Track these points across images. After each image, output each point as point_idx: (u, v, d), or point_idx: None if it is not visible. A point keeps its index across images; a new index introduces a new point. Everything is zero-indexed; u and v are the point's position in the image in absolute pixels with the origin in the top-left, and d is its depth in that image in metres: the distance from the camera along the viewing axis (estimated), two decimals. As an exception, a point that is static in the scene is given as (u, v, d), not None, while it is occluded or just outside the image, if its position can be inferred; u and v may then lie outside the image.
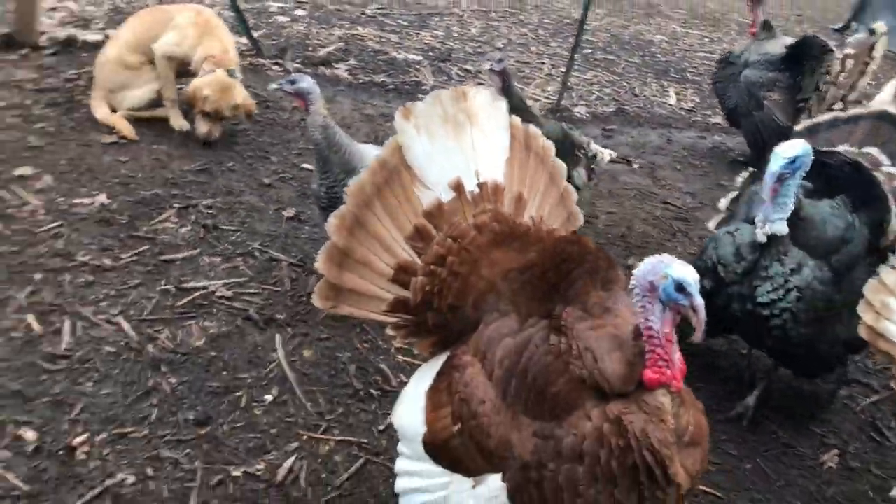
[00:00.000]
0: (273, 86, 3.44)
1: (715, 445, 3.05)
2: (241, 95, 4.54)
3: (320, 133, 3.29)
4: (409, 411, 2.18)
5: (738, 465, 3.02)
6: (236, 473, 2.59)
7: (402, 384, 2.86)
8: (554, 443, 1.84)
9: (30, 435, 2.58)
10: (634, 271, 1.83)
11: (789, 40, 5.53)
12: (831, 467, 3.10)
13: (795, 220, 2.96)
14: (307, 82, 3.32)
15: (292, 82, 3.32)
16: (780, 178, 2.83)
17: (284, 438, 2.76)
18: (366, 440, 2.81)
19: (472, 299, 2.13)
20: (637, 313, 1.83)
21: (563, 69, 6.41)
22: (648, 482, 1.78)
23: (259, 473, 2.61)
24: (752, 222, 3.03)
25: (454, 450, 2.02)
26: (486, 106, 2.35)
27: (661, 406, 1.80)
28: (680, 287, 1.75)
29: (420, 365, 2.32)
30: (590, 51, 7.75)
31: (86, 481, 2.47)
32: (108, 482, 2.47)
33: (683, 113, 6.75)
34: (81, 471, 2.50)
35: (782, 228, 2.92)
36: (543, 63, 7.17)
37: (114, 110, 4.62)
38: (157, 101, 4.69)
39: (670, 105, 6.85)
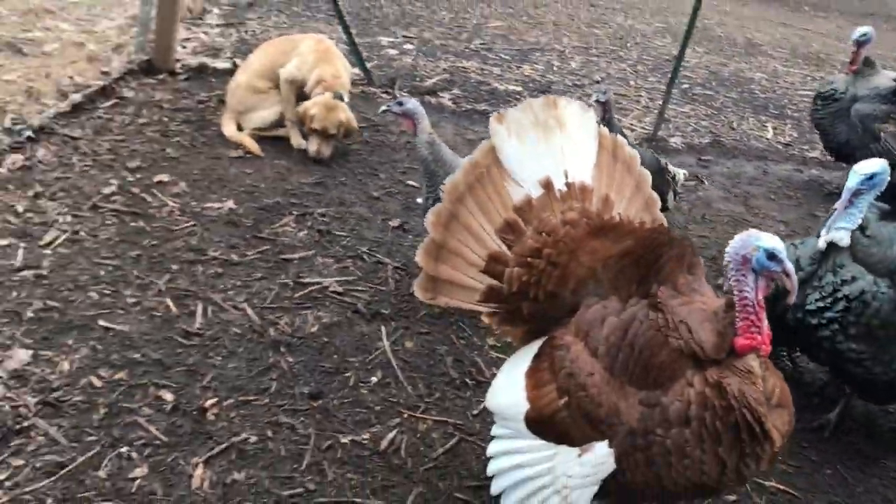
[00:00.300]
0: (382, 108, 3.77)
1: (795, 451, 3.15)
2: (344, 115, 4.89)
3: (427, 149, 3.59)
4: (507, 393, 2.33)
5: (818, 470, 3.11)
6: (344, 440, 2.87)
7: (495, 376, 3.06)
8: (660, 410, 2.00)
9: (168, 396, 2.93)
10: (726, 249, 2.04)
11: (894, 74, 5.57)
12: (914, 479, 3.14)
13: (860, 236, 3.01)
14: (412, 104, 3.63)
15: (400, 104, 3.65)
16: (856, 193, 2.94)
17: (387, 415, 3.03)
18: (461, 422, 3.05)
19: (572, 285, 2.28)
20: (732, 286, 2.02)
21: (661, 102, 6.58)
22: (749, 439, 1.95)
23: (364, 442, 2.88)
24: (819, 237, 3.11)
25: (560, 423, 2.16)
26: (576, 115, 2.51)
27: (751, 369, 1.99)
28: (771, 255, 1.96)
29: (512, 358, 2.52)
30: (688, 86, 7.88)
31: (214, 437, 2.79)
32: (234, 439, 2.79)
33: (780, 147, 6.79)
34: (211, 428, 2.82)
35: (844, 239, 2.99)
36: (640, 96, 7.35)
37: (240, 128, 5.09)
38: (279, 122, 5.14)
39: (767, 139, 6.90)
